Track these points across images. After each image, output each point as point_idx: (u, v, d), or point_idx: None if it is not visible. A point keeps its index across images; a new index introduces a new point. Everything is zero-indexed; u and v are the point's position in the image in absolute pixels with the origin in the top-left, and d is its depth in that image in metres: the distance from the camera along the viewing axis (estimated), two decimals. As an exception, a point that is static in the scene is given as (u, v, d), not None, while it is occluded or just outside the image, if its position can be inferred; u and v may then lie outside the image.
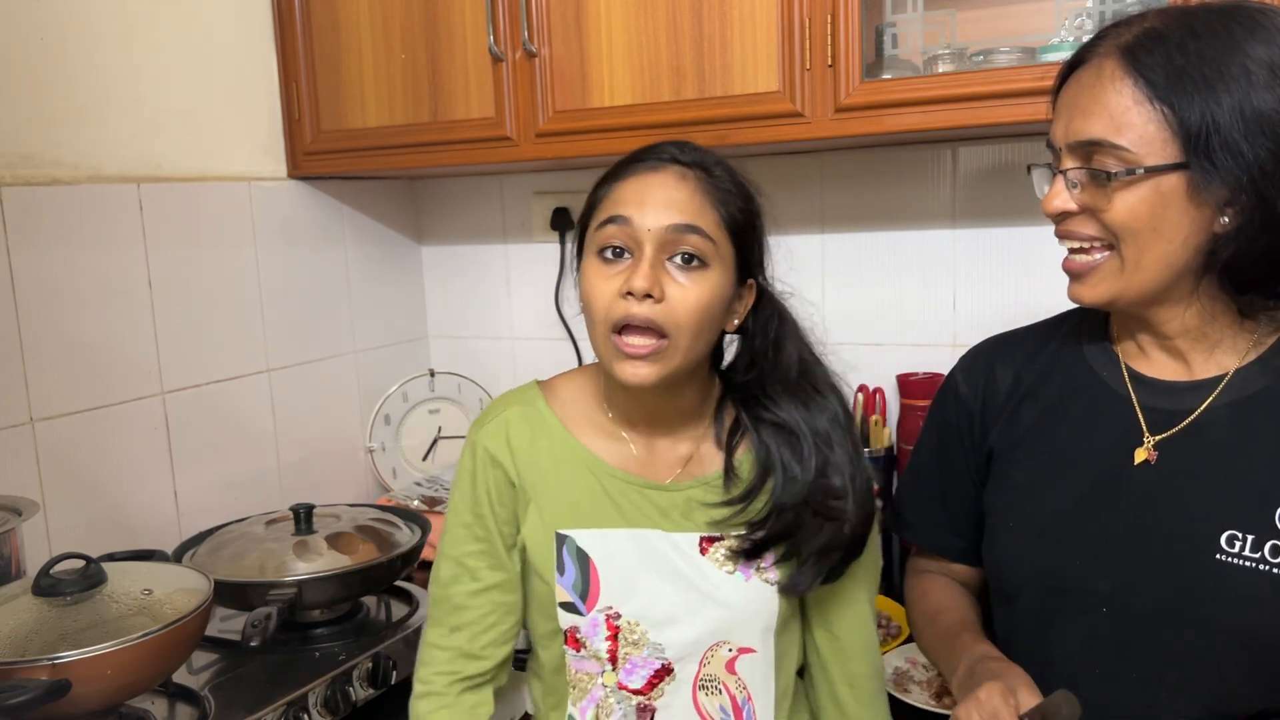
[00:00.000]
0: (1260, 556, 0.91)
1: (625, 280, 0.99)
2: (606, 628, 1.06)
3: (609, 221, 1.01)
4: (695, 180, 1.02)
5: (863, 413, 1.87)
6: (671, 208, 1.00)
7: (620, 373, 1.01)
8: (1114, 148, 0.90)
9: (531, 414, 1.11)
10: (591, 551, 1.06)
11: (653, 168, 1.03)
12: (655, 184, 1.01)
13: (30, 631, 1.17)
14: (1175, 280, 0.94)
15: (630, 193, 1.02)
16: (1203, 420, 0.98)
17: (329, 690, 1.41)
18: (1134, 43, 0.90)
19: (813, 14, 1.48)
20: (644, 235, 0.99)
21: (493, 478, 1.09)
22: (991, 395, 1.12)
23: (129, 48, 1.70)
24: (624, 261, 1.00)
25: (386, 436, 2.19)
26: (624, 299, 0.99)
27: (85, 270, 1.62)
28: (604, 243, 1.01)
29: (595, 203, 1.06)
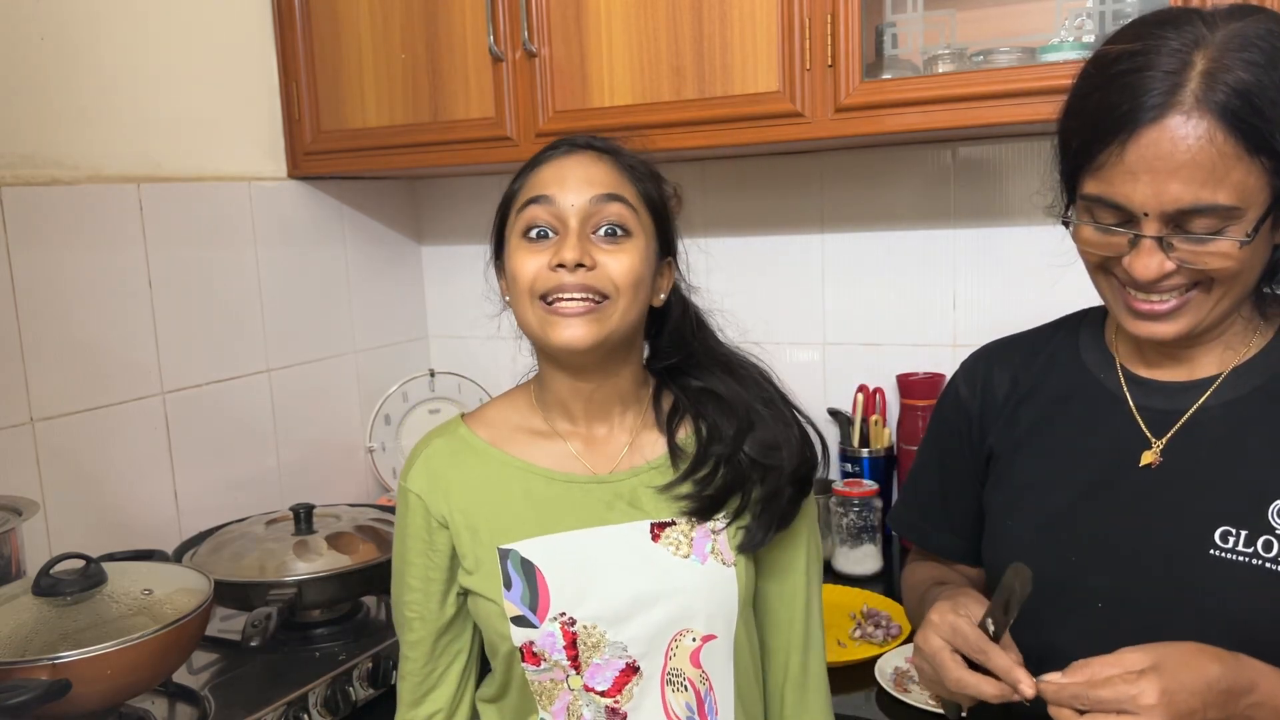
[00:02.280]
0: (1253, 551, 0.92)
1: (554, 254, 0.99)
2: (563, 636, 1.03)
3: (531, 203, 1.01)
4: (610, 159, 1.05)
5: (863, 413, 1.87)
6: (592, 183, 1.02)
7: (556, 336, 0.99)
8: (1226, 210, 0.86)
9: (453, 442, 1.10)
10: (536, 560, 1.04)
11: (567, 152, 1.05)
12: (573, 164, 1.03)
13: (30, 631, 1.17)
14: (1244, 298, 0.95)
15: (549, 175, 1.03)
16: (1198, 419, 0.98)
17: (329, 690, 1.41)
18: (1228, 99, 0.84)
19: (813, 14, 1.48)
20: (568, 211, 1.00)
21: (422, 524, 1.08)
22: (990, 398, 1.12)
23: (129, 48, 1.70)
24: (549, 241, 1.00)
25: (386, 436, 2.19)
26: (553, 271, 0.99)
27: (85, 270, 1.62)
28: (528, 224, 1.01)
29: (513, 194, 1.06)
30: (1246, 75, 0.85)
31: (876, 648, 1.47)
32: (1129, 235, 0.90)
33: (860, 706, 1.35)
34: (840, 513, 1.76)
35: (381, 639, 1.52)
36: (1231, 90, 0.84)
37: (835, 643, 1.50)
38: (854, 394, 1.88)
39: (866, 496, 1.75)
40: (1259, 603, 0.91)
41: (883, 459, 1.85)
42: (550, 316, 1.00)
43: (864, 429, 1.87)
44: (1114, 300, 0.97)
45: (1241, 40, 0.86)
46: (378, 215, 2.22)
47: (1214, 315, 0.94)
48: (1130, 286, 0.94)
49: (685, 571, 1.05)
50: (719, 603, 1.06)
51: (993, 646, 0.91)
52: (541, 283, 0.99)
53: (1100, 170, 0.90)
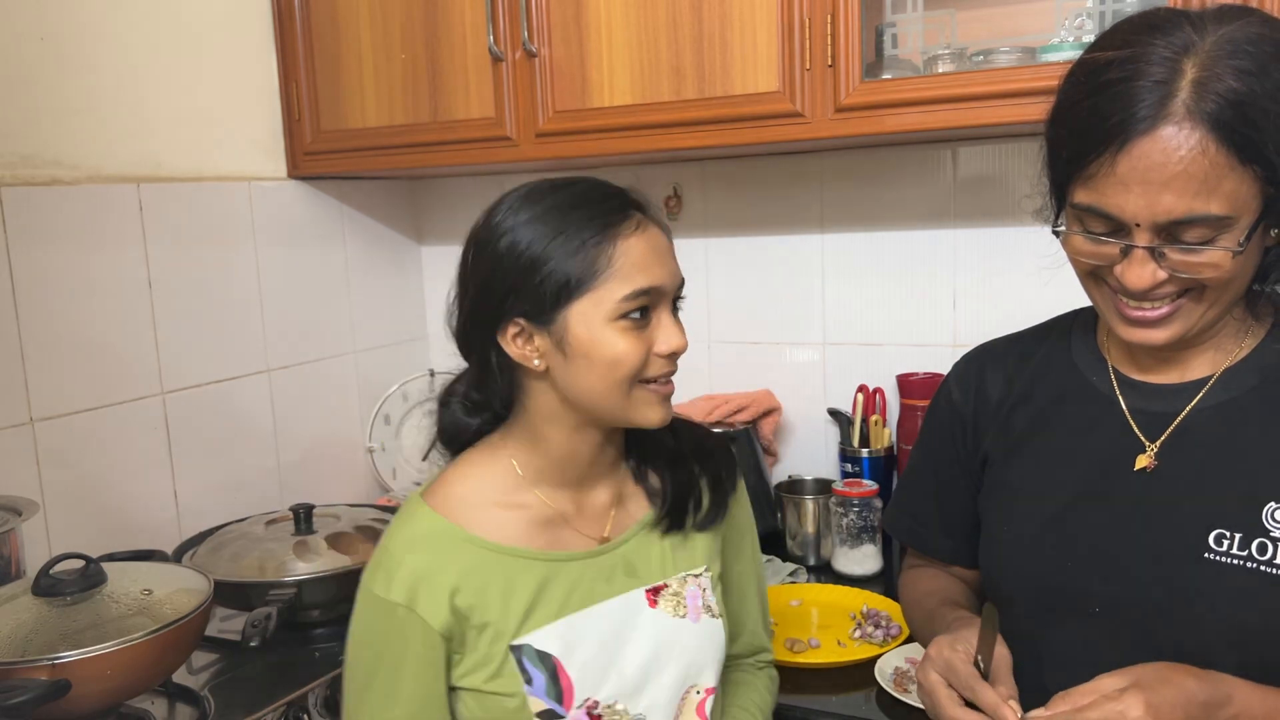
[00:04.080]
0: (1248, 554, 0.92)
1: (663, 341, 1.00)
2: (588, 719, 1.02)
3: (642, 294, 0.98)
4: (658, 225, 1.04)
5: (863, 413, 1.87)
6: (672, 264, 1.03)
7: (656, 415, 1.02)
8: (1218, 220, 0.86)
9: (429, 536, 1.02)
10: (552, 649, 1.01)
11: (641, 224, 1.01)
12: (656, 243, 1.01)
13: (30, 631, 1.18)
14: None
15: (643, 255, 0.99)
16: (1192, 421, 0.98)
17: (329, 690, 1.41)
18: (1219, 109, 0.83)
19: (813, 14, 1.48)
20: (666, 298, 1.02)
21: (420, 638, 0.99)
22: (983, 401, 1.12)
23: (129, 48, 1.70)
24: (645, 320, 1.00)
25: (386, 436, 2.19)
26: (662, 359, 1.00)
27: (85, 270, 1.62)
28: (633, 309, 0.99)
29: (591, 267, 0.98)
30: (1237, 84, 0.84)
31: (876, 648, 1.47)
32: (1120, 245, 0.90)
33: (860, 706, 1.35)
34: (840, 513, 1.76)
35: (381, 639, 1.52)
36: (1223, 100, 0.83)
37: (835, 643, 1.50)
38: (854, 394, 1.88)
39: (866, 496, 1.75)
40: (1254, 606, 0.91)
41: (883, 459, 1.85)
42: (650, 397, 1.01)
43: (864, 429, 1.87)
44: (1106, 307, 0.97)
45: (1231, 47, 0.85)
46: (378, 215, 2.22)
47: (1205, 320, 0.93)
48: (1121, 294, 0.93)
49: (685, 632, 1.08)
50: (714, 654, 1.10)
51: (981, 685, 0.92)
52: (650, 371, 1.00)
53: (1091, 180, 0.89)
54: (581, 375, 0.99)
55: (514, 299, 1.00)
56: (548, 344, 0.99)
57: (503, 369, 1.04)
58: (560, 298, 0.98)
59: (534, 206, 1.01)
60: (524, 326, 1.00)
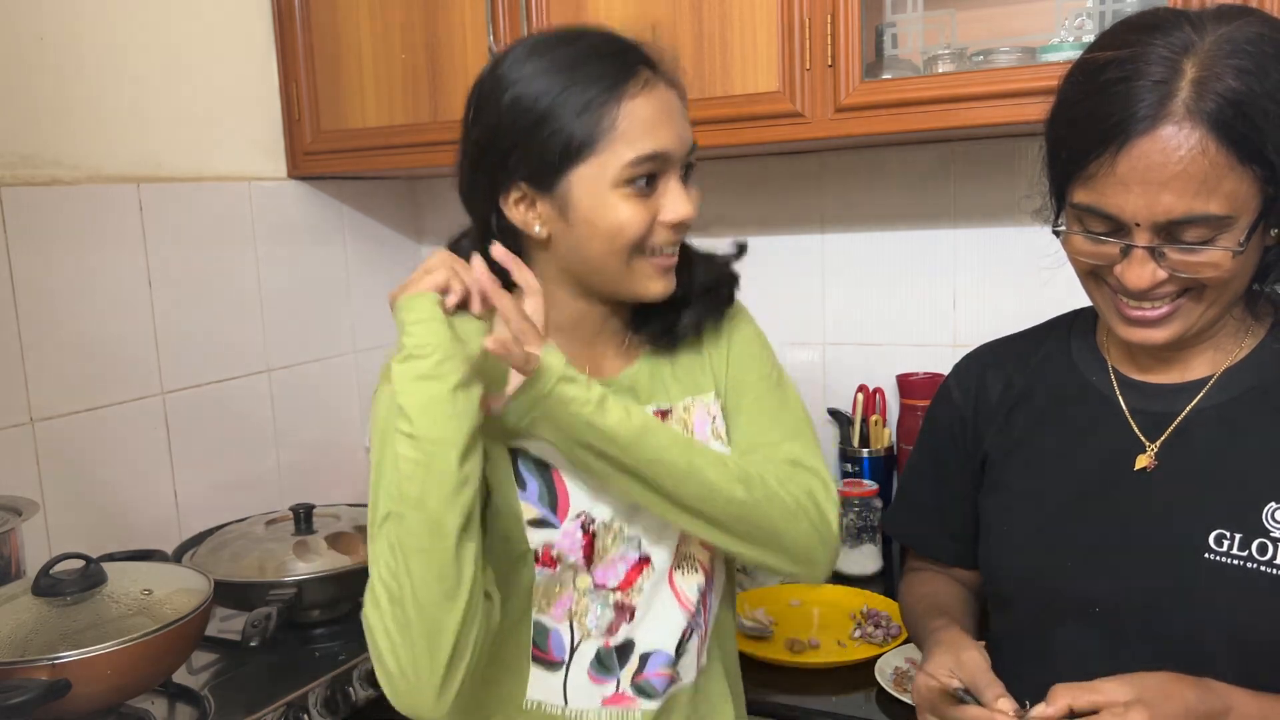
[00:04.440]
0: (1248, 555, 0.92)
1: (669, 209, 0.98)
2: (582, 536, 1.00)
3: (647, 160, 0.95)
4: (674, 88, 1.01)
5: (863, 413, 1.87)
6: (682, 127, 0.99)
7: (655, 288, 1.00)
8: (1218, 220, 0.86)
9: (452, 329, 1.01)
10: (550, 458, 0.99)
11: (648, 84, 0.97)
12: (663, 104, 0.98)
13: (30, 631, 1.18)
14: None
15: (651, 119, 0.96)
16: (1192, 421, 0.98)
17: (329, 690, 1.41)
18: (1219, 109, 0.83)
19: (813, 14, 1.48)
20: (674, 165, 0.98)
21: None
22: (984, 402, 1.12)
23: (129, 48, 1.70)
24: (650, 187, 0.97)
25: (386, 436, 2.18)
26: (667, 228, 0.98)
27: (85, 270, 1.62)
28: (639, 174, 0.96)
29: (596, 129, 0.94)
30: (1237, 83, 0.84)
31: (876, 648, 1.47)
32: (1120, 245, 0.90)
33: (860, 706, 1.35)
34: (840, 513, 1.75)
35: (381, 639, 1.52)
36: (1223, 100, 0.83)
37: (835, 643, 1.50)
38: (854, 394, 1.88)
39: (866, 496, 1.74)
40: (1254, 606, 0.91)
41: (883, 459, 1.85)
42: (650, 270, 0.99)
43: (864, 429, 1.87)
44: (1106, 306, 0.97)
45: (1231, 46, 0.85)
46: (378, 215, 2.22)
47: (1205, 320, 0.94)
48: (1121, 294, 0.94)
49: None
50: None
51: (965, 709, 0.93)
52: (653, 241, 0.98)
53: (1091, 180, 0.89)
54: (583, 242, 0.97)
55: (516, 159, 0.97)
56: (549, 210, 0.98)
57: (504, 232, 1.02)
58: (563, 161, 0.95)
59: (540, 59, 0.97)
60: (526, 192, 0.98)
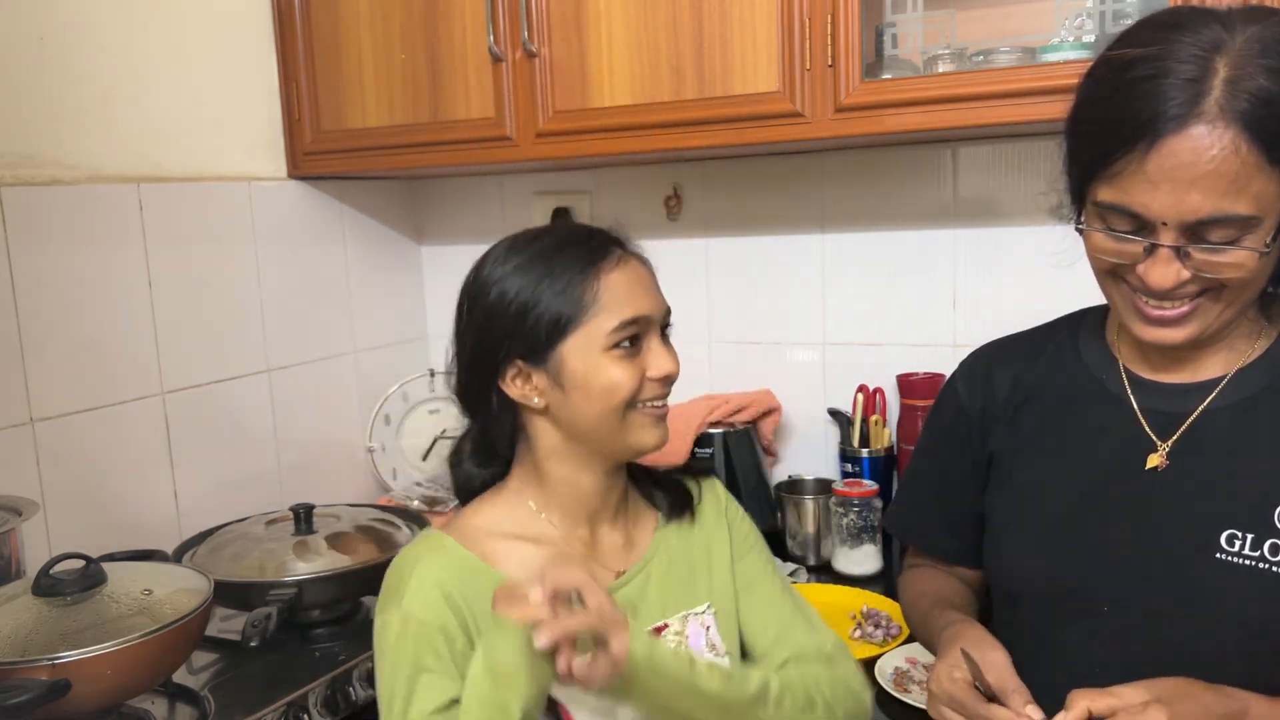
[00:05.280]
0: (1260, 555, 0.91)
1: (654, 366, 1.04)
2: None
3: (631, 324, 1.02)
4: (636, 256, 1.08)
5: (863, 413, 1.87)
6: (655, 292, 1.07)
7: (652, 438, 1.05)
8: (1245, 220, 0.85)
9: (446, 558, 1.03)
10: (559, 695, 0.99)
11: (621, 259, 1.05)
12: (637, 274, 1.05)
13: (30, 631, 1.17)
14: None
15: (628, 286, 1.03)
16: (1204, 421, 0.98)
17: (329, 690, 1.41)
18: (1252, 108, 0.83)
19: (813, 14, 1.48)
20: (654, 325, 1.05)
21: (441, 643, 0.98)
22: (991, 399, 1.12)
23: (129, 48, 1.70)
24: (635, 348, 1.03)
25: (386, 436, 2.18)
26: (655, 383, 1.04)
27: (85, 270, 1.62)
28: (624, 338, 1.02)
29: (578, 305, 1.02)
30: (1269, 83, 0.83)
31: (876, 648, 1.47)
32: (1144, 243, 0.89)
33: (860, 706, 1.35)
34: (840, 513, 1.76)
35: (381, 639, 1.52)
36: (1256, 99, 0.83)
37: (835, 643, 1.50)
38: (854, 394, 1.88)
39: (866, 496, 1.74)
40: (1266, 606, 0.91)
41: (883, 459, 1.85)
42: (645, 420, 1.04)
43: (864, 429, 1.87)
44: (1124, 305, 0.96)
45: (1261, 46, 0.84)
46: (378, 215, 2.22)
47: (1222, 320, 0.93)
48: (1142, 293, 0.93)
49: None
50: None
51: (990, 708, 0.93)
52: (644, 394, 1.03)
53: (1117, 178, 0.88)
54: (580, 406, 1.02)
55: (510, 344, 1.03)
56: (545, 381, 1.03)
57: (504, 411, 1.07)
58: (553, 335, 1.02)
59: (519, 255, 1.04)
60: (521, 368, 1.03)
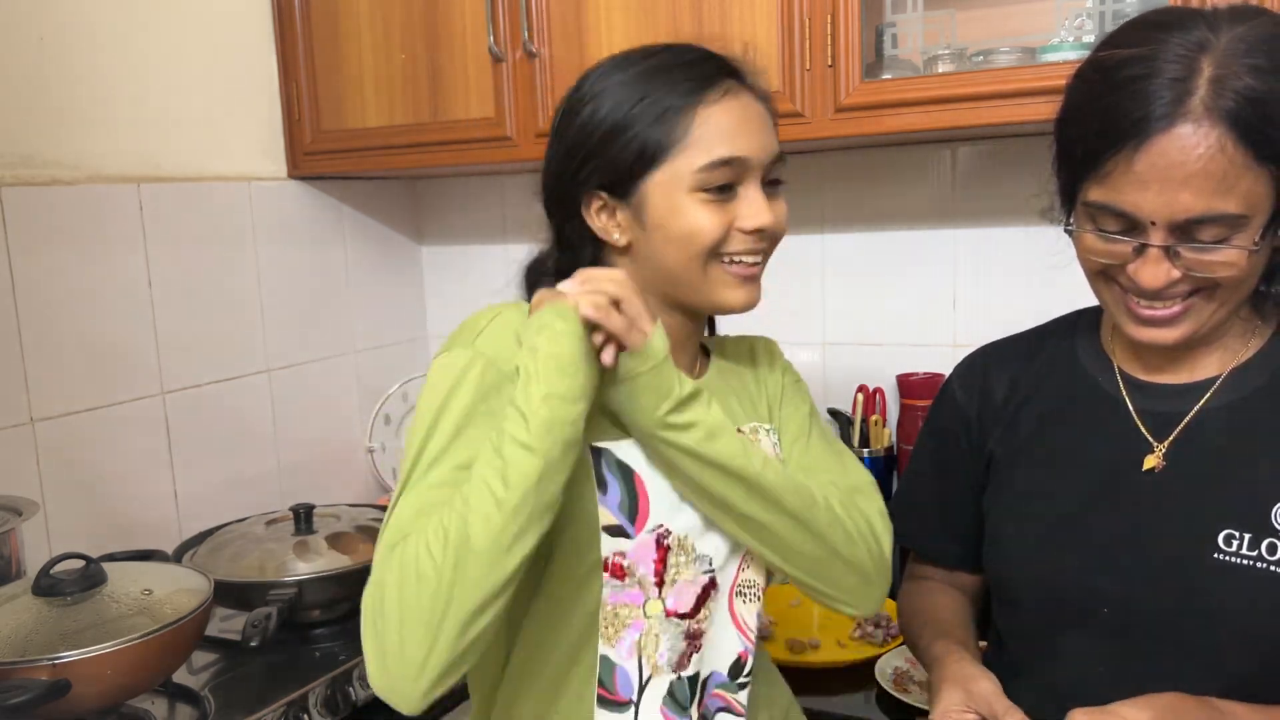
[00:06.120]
0: (1257, 555, 0.91)
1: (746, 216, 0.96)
2: (656, 550, 0.95)
3: (723, 164, 0.95)
4: (756, 95, 1.00)
5: (863, 413, 1.87)
6: (766, 135, 0.98)
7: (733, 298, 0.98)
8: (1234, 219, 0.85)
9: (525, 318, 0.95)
10: (634, 464, 0.96)
11: (729, 91, 0.97)
12: (745, 112, 0.97)
13: (30, 631, 1.18)
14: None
15: (729, 125, 0.96)
16: (1200, 421, 0.98)
17: (329, 690, 1.41)
18: (1237, 107, 0.83)
19: (813, 14, 1.48)
20: (754, 172, 0.97)
21: (505, 389, 0.89)
22: (988, 401, 1.12)
23: (129, 48, 1.70)
24: (729, 194, 0.96)
25: (386, 436, 2.19)
26: (744, 234, 0.96)
27: (85, 270, 1.62)
28: (714, 181, 0.95)
29: (672, 134, 0.94)
30: (1255, 82, 0.84)
31: (876, 648, 1.47)
32: (1135, 243, 0.89)
33: (860, 706, 1.36)
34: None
35: (381, 639, 1.52)
36: (1241, 98, 0.83)
37: (835, 643, 1.50)
38: (854, 394, 1.88)
39: (866, 496, 1.74)
40: (1265, 606, 0.91)
41: (883, 459, 1.85)
42: (727, 278, 0.97)
43: (864, 429, 1.87)
44: (1116, 306, 0.96)
45: (1246, 45, 0.85)
46: (378, 215, 2.22)
47: (1215, 320, 0.93)
48: (1133, 293, 0.93)
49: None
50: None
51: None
52: (728, 246, 0.97)
53: (1107, 178, 0.89)
54: (659, 249, 0.97)
55: (595, 168, 0.97)
56: (628, 217, 0.98)
57: (586, 241, 1.01)
58: (638, 167, 0.95)
59: (622, 72, 0.98)
60: (606, 200, 0.98)
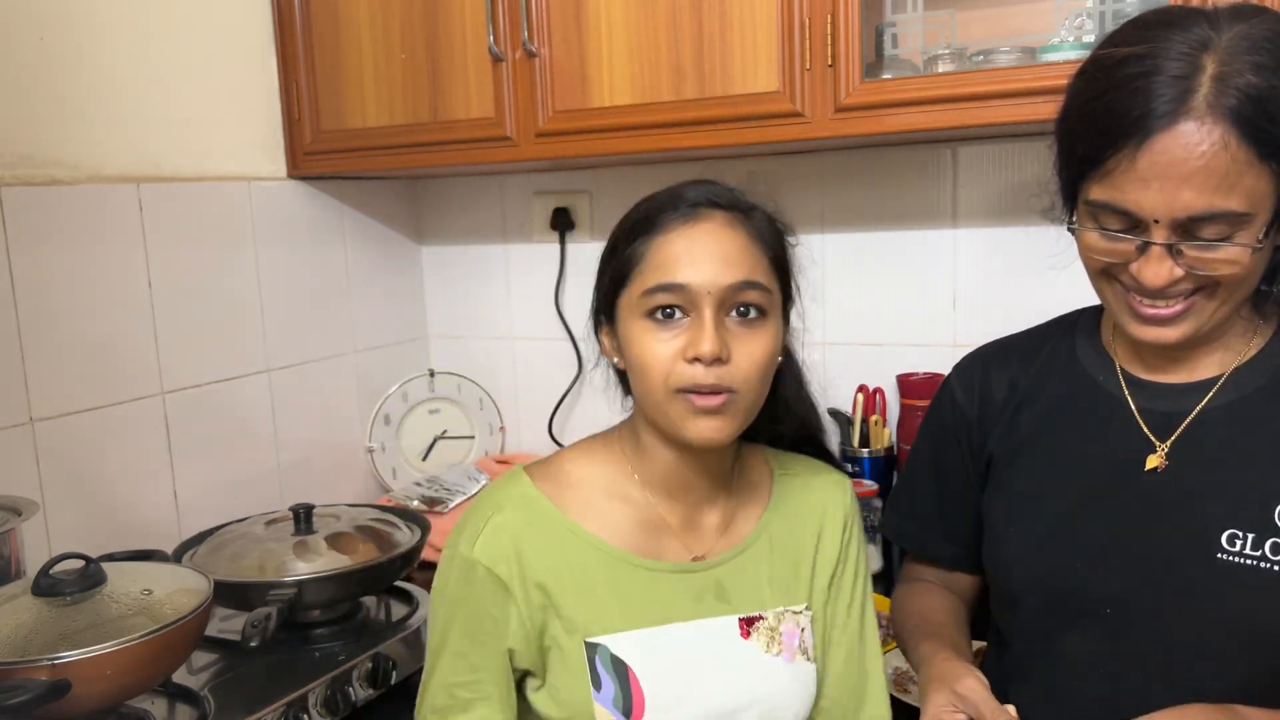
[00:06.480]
0: (1261, 554, 0.91)
1: (689, 344, 0.92)
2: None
3: (660, 289, 0.93)
4: (741, 225, 0.96)
5: (863, 413, 1.87)
6: (728, 263, 0.93)
7: (692, 431, 0.93)
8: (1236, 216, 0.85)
9: (528, 511, 0.99)
10: (628, 659, 0.96)
11: (692, 218, 0.95)
12: (704, 238, 0.94)
13: (30, 631, 1.17)
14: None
15: (678, 251, 0.93)
16: (1202, 420, 0.98)
17: (329, 690, 1.41)
18: (1240, 105, 0.83)
19: (813, 14, 1.48)
20: (703, 298, 0.92)
21: (493, 603, 0.96)
22: (988, 401, 1.12)
23: (129, 48, 1.70)
24: (677, 323, 0.93)
25: (386, 436, 2.18)
26: (688, 364, 0.92)
27: (85, 270, 1.62)
28: (655, 306, 0.93)
29: (631, 261, 0.95)
30: (1257, 79, 0.84)
31: (876, 648, 1.47)
32: (1137, 242, 0.89)
33: (860, 706, 1.35)
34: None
35: (381, 639, 1.52)
36: (1244, 95, 0.83)
37: (835, 643, 1.50)
38: (854, 394, 1.88)
39: (866, 497, 1.74)
40: (1268, 605, 0.91)
41: (883, 459, 1.85)
42: (684, 410, 0.93)
43: (864, 429, 1.87)
44: (1117, 305, 0.96)
45: (1249, 43, 0.85)
46: (378, 215, 2.22)
47: (1217, 318, 0.93)
48: (1136, 292, 0.93)
49: (776, 674, 1.01)
50: (803, 701, 1.03)
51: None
52: (676, 379, 0.92)
53: (1109, 176, 0.89)
54: (633, 375, 0.98)
55: (598, 294, 1.02)
56: (616, 342, 1.00)
57: (609, 364, 1.05)
58: (612, 288, 0.99)
59: (635, 207, 1.01)
60: (603, 323, 1.01)
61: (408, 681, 1.50)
